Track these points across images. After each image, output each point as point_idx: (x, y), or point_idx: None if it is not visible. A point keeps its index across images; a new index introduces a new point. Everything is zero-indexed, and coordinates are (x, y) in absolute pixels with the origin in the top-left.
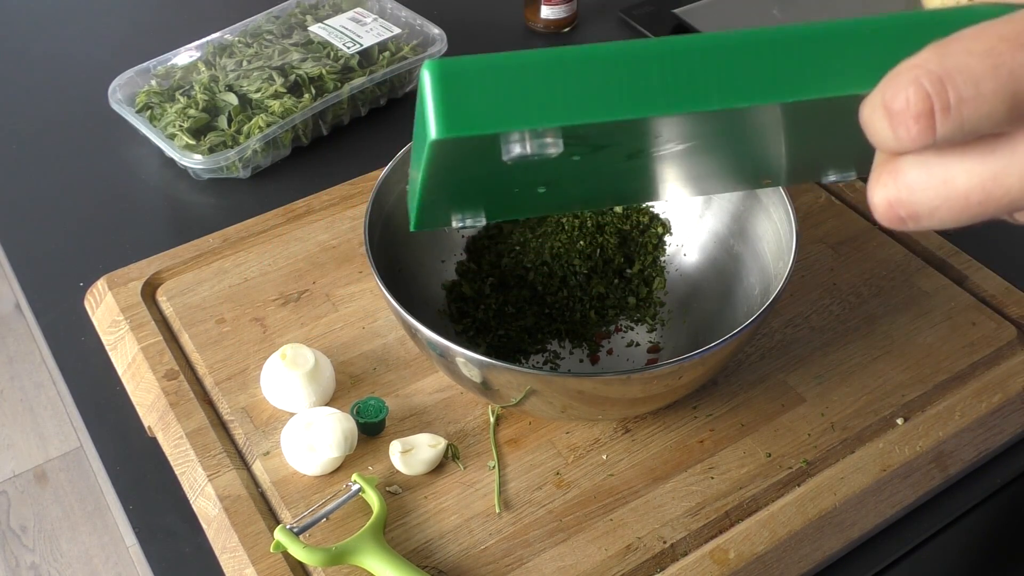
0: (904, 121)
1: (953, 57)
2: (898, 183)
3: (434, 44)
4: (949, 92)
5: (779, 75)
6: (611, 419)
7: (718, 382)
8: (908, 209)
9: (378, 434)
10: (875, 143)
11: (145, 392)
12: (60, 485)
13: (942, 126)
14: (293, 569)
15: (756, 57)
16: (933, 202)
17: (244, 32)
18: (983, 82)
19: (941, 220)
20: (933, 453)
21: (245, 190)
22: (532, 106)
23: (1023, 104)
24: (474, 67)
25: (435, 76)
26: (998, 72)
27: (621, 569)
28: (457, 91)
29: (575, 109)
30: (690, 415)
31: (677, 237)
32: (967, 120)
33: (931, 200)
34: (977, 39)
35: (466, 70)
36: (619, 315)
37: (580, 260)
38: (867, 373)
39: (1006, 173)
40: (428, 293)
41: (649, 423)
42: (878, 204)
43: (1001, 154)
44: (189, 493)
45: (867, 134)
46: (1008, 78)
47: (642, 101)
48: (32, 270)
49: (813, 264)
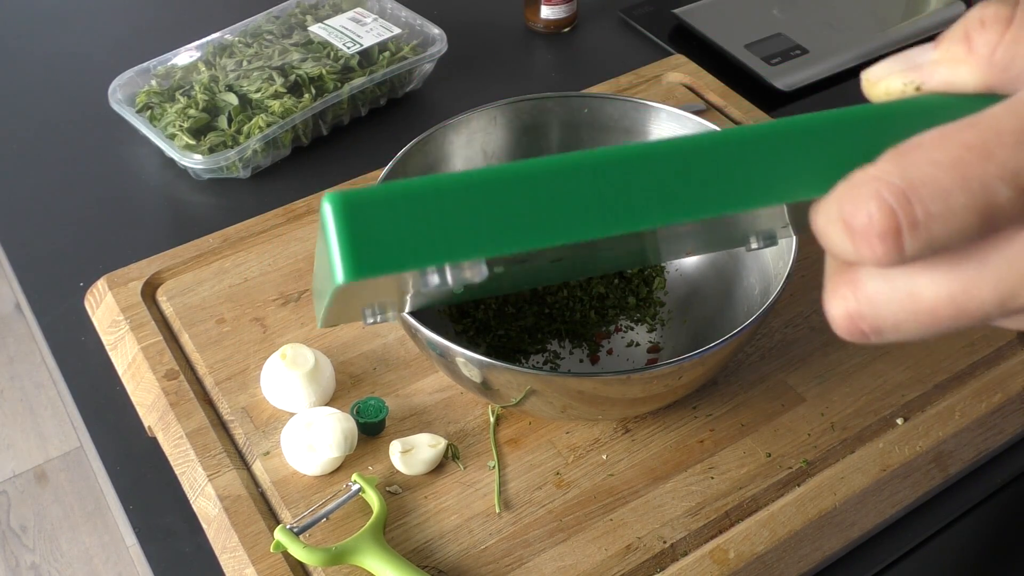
0: (867, 239)
1: (917, 168)
2: (858, 296)
3: (434, 44)
4: (916, 208)
5: (718, 185)
6: (611, 419)
7: (718, 382)
8: (871, 323)
9: (378, 434)
10: (832, 254)
11: (145, 392)
12: (60, 485)
13: (910, 244)
14: (293, 569)
15: (691, 166)
16: (898, 316)
17: (244, 32)
18: (952, 196)
19: (908, 334)
20: (933, 453)
21: (245, 190)
22: (449, 239)
23: (995, 217)
24: (380, 198)
25: (338, 211)
26: (968, 185)
27: (621, 569)
28: (363, 228)
29: (499, 239)
30: (690, 415)
31: None
32: (936, 237)
33: (896, 314)
34: (941, 148)
35: (371, 202)
36: (619, 315)
37: None
38: (867, 373)
39: (977, 286)
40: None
41: (649, 423)
42: (837, 317)
43: (971, 265)
44: (189, 493)
45: (822, 243)
46: (980, 191)
47: (571, 225)
48: (32, 270)
49: (813, 264)
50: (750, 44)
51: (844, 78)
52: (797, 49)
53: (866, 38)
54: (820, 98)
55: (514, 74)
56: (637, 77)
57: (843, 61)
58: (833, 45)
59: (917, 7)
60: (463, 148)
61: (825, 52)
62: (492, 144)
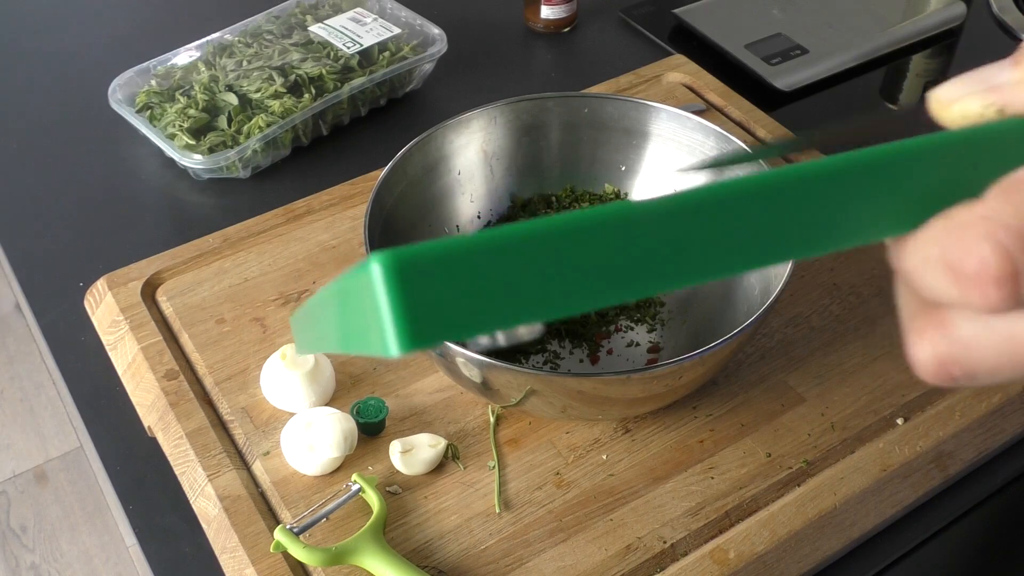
0: (980, 284)
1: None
2: (950, 339)
3: (434, 44)
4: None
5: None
6: (611, 419)
7: (718, 382)
8: (964, 368)
9: (378, 434)
10: (924, 295)
11: (145, 392)
12: (60, 485)
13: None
14: (293, 569)
15: (758, 209)
16: (997, 360)
17: (244, 32)
18: None
19: (1004, 377)
20: (933, 453)
21: (245, 190)
22: (513, 303)
23: None
24: (437, 259)
25: (392, 273)
26: None
27: (621, 569)
28: (420, 294)
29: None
30: (690, 415)
31: None
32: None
33: (994, 359)
34: None
35: (428, 264)
36: (619, 315)
37: None
38: (867, 373)
39: None
40: None
41: (649, 423)
42: (924, 361)
43: None
44: (189, 493)
45: (910, 282)
46: None
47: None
48: (32, 270)
49: (813, 264)
50: (750, 44)
51: (844, 78)
52: (797, 49)
53: (866, 38)
54: (820, 98)
55: (514, 74)
56: (637, 77)
57: (843, 61)
58: (833, 45)
59: (917, 7)
60: (463, 148)
61: (825, 52)
62: (492, 144)
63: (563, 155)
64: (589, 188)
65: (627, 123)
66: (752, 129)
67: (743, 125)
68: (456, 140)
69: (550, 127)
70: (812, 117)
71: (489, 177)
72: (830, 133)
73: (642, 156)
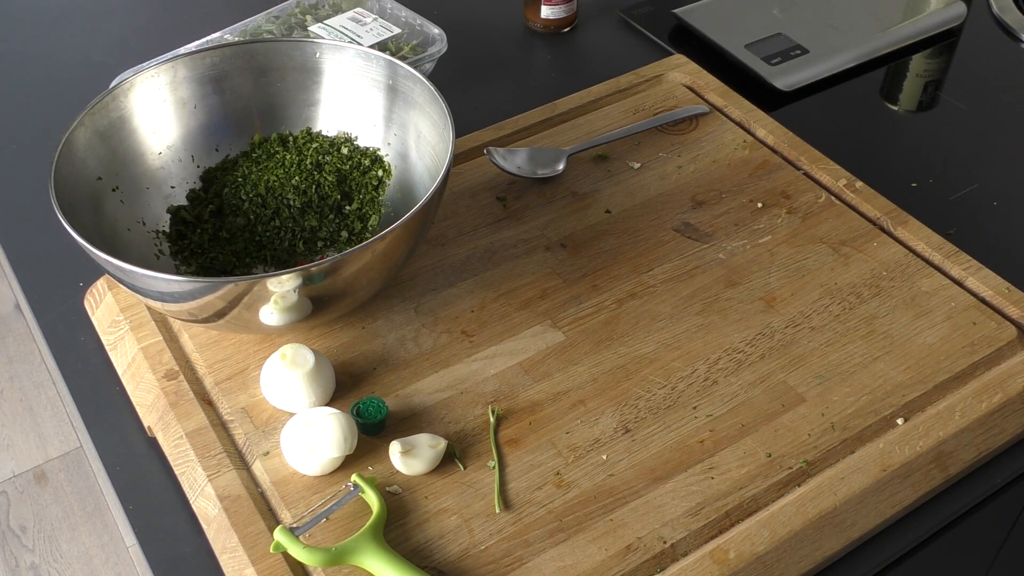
0: None
1: None
2: None
3: (434, 44)
4: None
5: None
6: (330, 318)
7: (719, 382)
8: None
9: (378, 434)
10: None
11: (145, 392)
12: (60, 485)
13: None
14: (293, 569)
15: None
16: None
17: (244, 32)
18: None
19: None
20: (933, 453)
21: None
22: None
23: None
24: None
25: None
26: None
27: (621, 569)
28: None
29: None
30: (690, 415)
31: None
32: None
33: None
34: None
35: None
36: (328, 247)
37: (295, 195)
38: (867, 373)
39: None
40: (151, 213)
41: (649, 423)
42: None
43: None
44: (189, 493)
45: None
46: None
47: None
48: (32, 270)
49: (813, 264)
50: (750, 44)
51: (844, 78)
52: (797, 49)
53: (866, 38)
54: (820, 98)
55: (514, 74)
56: (637, 77)
57: (843, 61)
58: (833, 45)
59: (917, 7)
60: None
61: (825, 52)
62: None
63: (259, 101)
64: (289, 129)
65: (310, 63)
66: (752, 129)
67: (743, 125)
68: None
69: (237, 74)
70: (812, 117)
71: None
72: None
73: (322, 91)
